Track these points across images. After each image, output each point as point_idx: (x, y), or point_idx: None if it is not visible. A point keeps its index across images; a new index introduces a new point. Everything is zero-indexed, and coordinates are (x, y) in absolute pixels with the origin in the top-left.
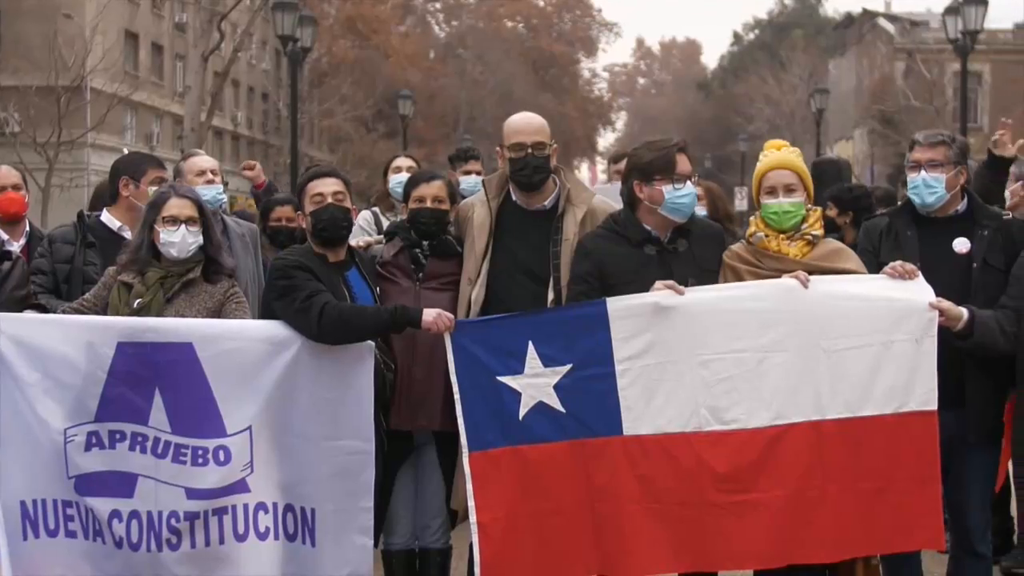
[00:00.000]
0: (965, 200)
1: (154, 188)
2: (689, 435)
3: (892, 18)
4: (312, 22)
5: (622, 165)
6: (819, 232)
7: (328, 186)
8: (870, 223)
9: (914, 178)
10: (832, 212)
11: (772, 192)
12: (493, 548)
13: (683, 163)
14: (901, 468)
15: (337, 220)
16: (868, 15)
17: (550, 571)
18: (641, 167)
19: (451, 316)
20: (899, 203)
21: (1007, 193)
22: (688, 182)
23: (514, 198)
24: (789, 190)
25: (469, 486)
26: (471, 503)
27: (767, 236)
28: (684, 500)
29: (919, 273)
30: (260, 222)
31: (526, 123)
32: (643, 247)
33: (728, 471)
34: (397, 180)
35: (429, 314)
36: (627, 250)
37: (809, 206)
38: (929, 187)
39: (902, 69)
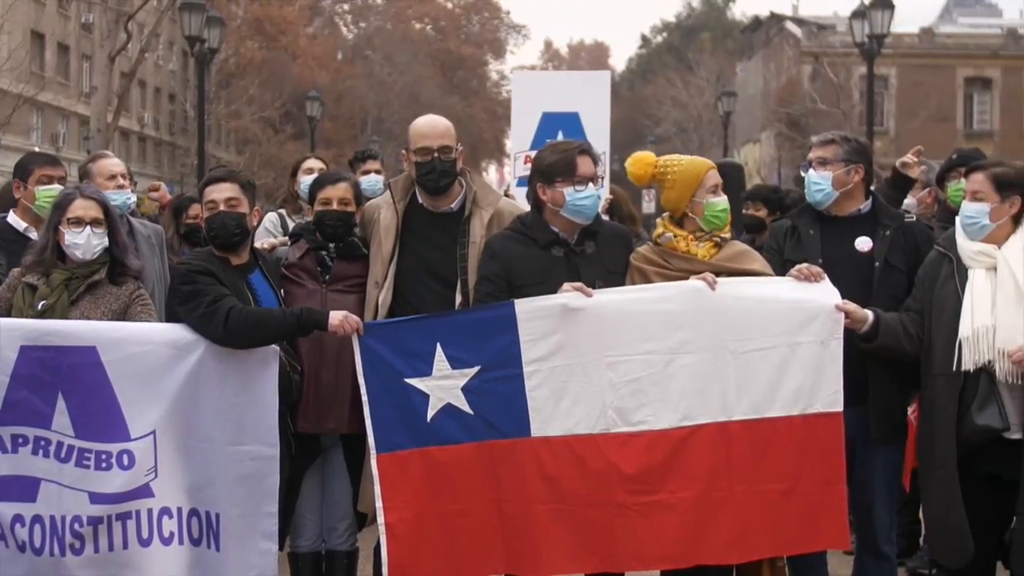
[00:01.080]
0: (869, 201)
1: (41, 187)
2: (597, 436)
3: (799, 21)
4: (219, 23)
5: None
6: (727, 235)
7: (222, 192)
8: (776, 224)
9: (806, 176)
10: (761, 213)
11: (715, 191)
12: (401, 549)
13: (585, 165)
14: (807, 469)
15: (228, 228)
16: (775, 18)
17: (458, 572)
18: (543, 169)
19: (358, 319)
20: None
21: (912, 200)
22: (591, 184)
23: (420, 200)
24: (722, 190)
25: (377, 488)
26: (379, 505)
27: (676, 237)
28: (592, 501)
29: (825, 276)
30: (173, 221)
31: (432, 127)
32: (550, 249)
33: (636, 472)
34: (307, 182)
35: (336, 316)
36: (534, 252)
37: None
38: (815, 184)
39: (809, 72)
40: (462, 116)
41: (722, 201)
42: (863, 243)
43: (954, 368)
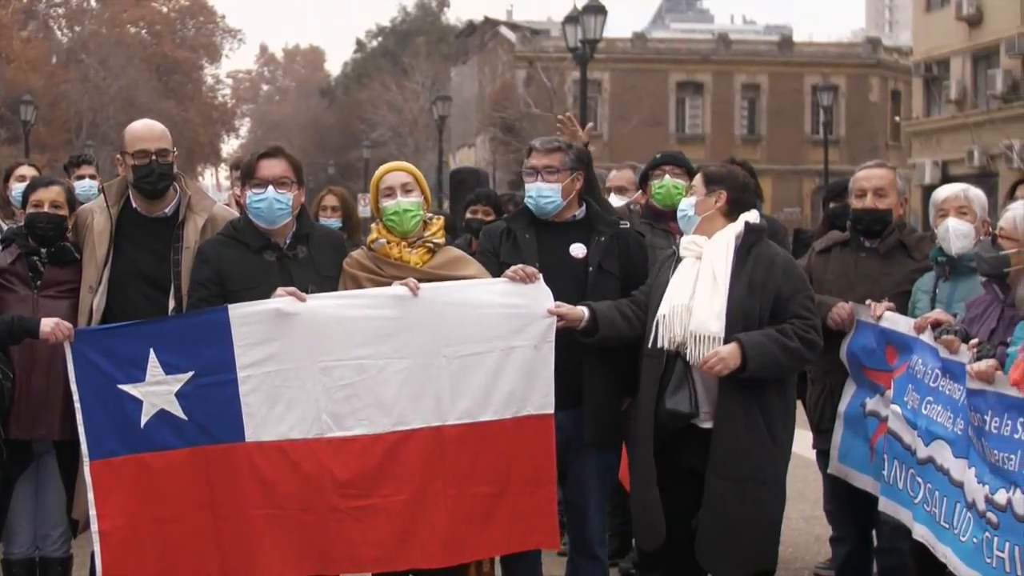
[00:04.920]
0: (583, 206)
1: None
2: (311, 441)
3: (513, 26)
4: None
5: None
6: (440, 240)
7: None
8: (490, 227)
9: (531, 185)
10: (491, 217)
11: (391, 194)
12: (115, 557)
13: (266, 168)
14: (517, 471)
15: None
16: (490, 23)
17: None
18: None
19: (69, 326)
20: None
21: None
22: (270, 187)
23: (134, 205)
24: (407, 189)
25: (90, 495)
26: (93, 512)
27: (388, 243)
28: (306, 506)
29: (540, 276)
30: None
31: (148, 130)
32: (262, 253)
33: (350, 477)
34: (20, 189)
35: (47, 324)
36: (246, 256)
37: (430, 215)
38: (545, 196)
39: (523, 77)
40: (178, 120)
41: (392, 203)
42: (578, 249)
43: (649, 346)
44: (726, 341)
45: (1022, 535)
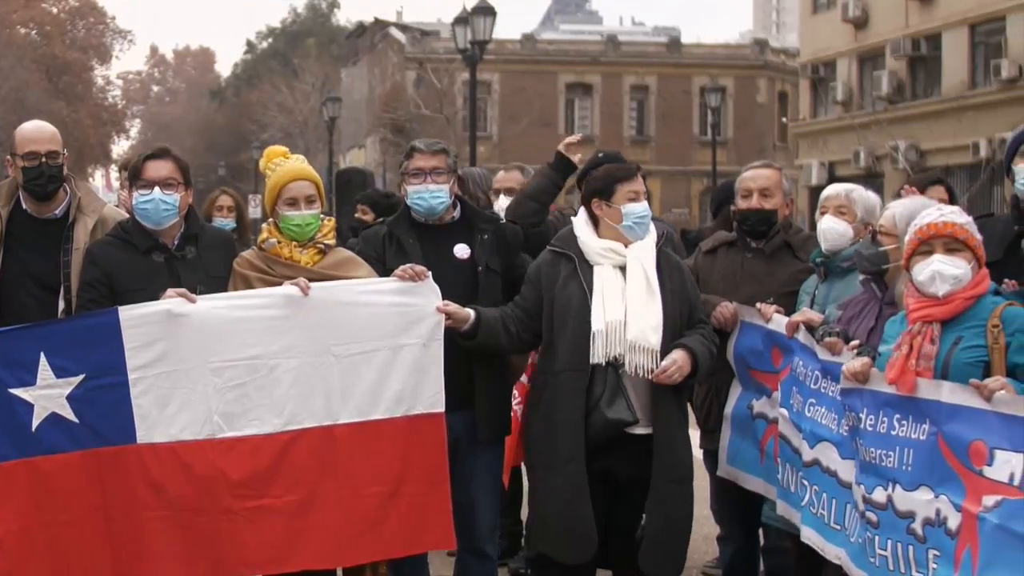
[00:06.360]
0: (458, 207)
1: None
2: (203, 442)
3: (403, 28)
4: None
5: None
6: (331, 241)
7: None
8: (369, 232)
9: (420, 187)
10: (368, 217)
11: (294, 204)
12: (8, 562)
13: (152, 170)
14: (411, 470)
15: None
16: (380, 24)
17: None
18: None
19: None
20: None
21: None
22: (156, 188)
23: (24, 206)
24: (310, 201)
25: None
26: None
27: (279, 243)
28: (198, 507)
29: (428, 274)
30: None
31: (39, 132)
32: (151, 254)
33: (242, 477)
34: None
35: None
36: (135, 257)
37: (322, 216)
38: (437, 197)
39: (413, 78)
40: (68, 121)
41: (298, 216)
42: (461, 250)
43: (591, 362)
44: (662, 349)
45: (903, 532)
